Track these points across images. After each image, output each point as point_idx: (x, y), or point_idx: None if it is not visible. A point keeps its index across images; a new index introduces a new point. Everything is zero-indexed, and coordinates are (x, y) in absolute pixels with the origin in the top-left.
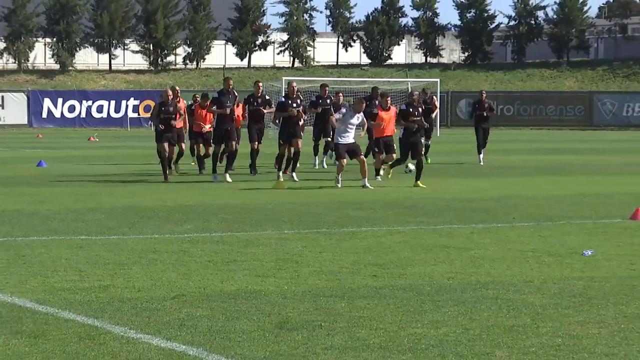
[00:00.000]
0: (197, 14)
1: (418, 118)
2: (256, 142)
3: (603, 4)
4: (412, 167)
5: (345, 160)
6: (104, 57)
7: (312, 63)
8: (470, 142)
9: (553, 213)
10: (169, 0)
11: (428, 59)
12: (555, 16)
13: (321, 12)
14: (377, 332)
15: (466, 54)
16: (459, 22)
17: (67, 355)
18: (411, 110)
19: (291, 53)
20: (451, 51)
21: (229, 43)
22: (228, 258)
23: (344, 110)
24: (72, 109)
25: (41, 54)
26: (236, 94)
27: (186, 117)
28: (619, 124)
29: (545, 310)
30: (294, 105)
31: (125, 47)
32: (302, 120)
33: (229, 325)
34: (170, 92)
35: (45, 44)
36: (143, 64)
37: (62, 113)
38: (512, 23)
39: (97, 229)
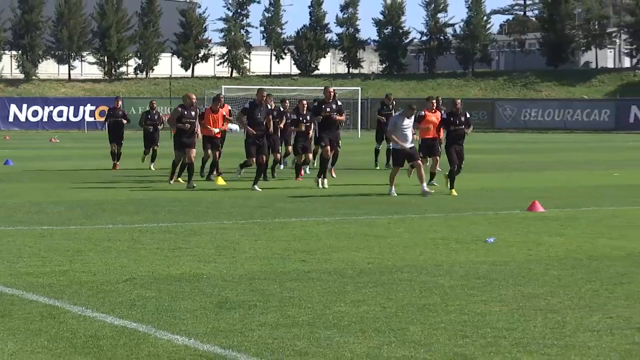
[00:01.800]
0: (147, 29)
1: (460, 127)
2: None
3: (504, 21)
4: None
5: (397, 168)
6: (64, 68)
7: (248, 73)
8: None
9: (460, 205)
10: (122, 17)
11: (350, 69)
12: (461, 32)
13: (256, 28)
14: (306, 311)
15: (384, 65)
16: (377, 37)
17: (30, 332)
18: (452, 119)
19: (230, 64)
20: (370, 63)
21: (175, 55)
22: (174, 245)
23: (397, 118)
24: (35, 113)
25: (8, 65)
26: (270, 106)
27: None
28: (518, 127)
29: (453, 290)
30: (328, 109)
31: (83, 58)
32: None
33: (174, 305)
34: (193, 97)
35: (11, 56)
36: (98, 74)
37: (26, 117)
38: (424, 38)
39: (58, 220)
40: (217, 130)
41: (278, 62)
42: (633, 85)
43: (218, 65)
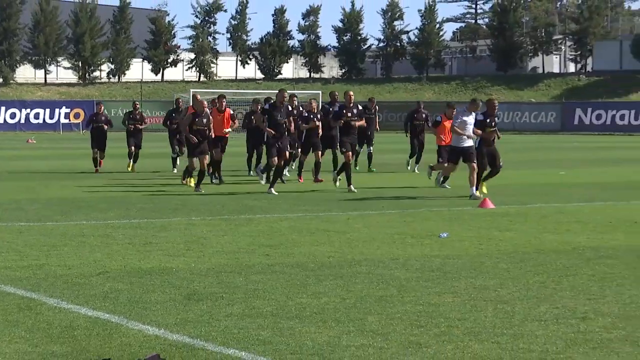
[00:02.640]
0: (119, 36)
1: (494, 128)
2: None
3: (456, 29)
4: (440, 179)
5: (452, 165)
6: (40, 72)
7: (215, 78)
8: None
9: (415, 202)
10: (95, 24)
11: (312, 74)
12: (416, 39)
13: (223, 34)
14: (269, 302)
15: (343, 70)
16: (337, 44)
17: (8, 322)
18: (488, 120)
19: (197, 69)
20: (331, 68)
21: (146, 60)
22: (145, 241)
23: (462, 115)
24: (13, 115)
25: None
26: (290, 107)
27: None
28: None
29: (408, 283)
30: (349, 114)
31: (58, 63)
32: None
33: (145, 297)
34: (205, 103)
35: None
36: (73, 78)
37: (4, 119)
38: (381, 45)
39: (35, 216)
40: (228, 130)
41: (243, 67)
42: (577, 90)
43: (187, 70)
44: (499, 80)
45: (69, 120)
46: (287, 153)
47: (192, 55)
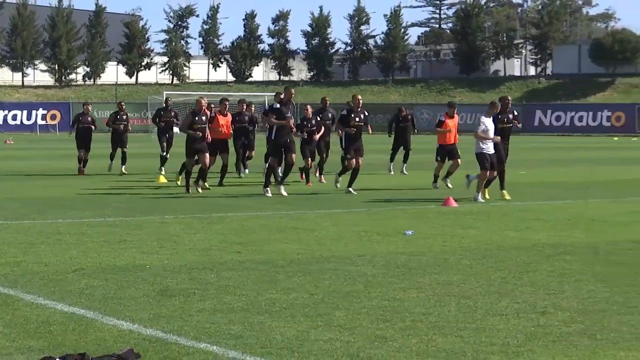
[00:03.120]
0: (94, 40)
1: (508, 124)
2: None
3: (421, 33)
4: (473, 176)
5: (492, 172)
6: (18, 75)
7: (187, 80)
8: None
9: (381, 201)
10: (71, 28)
11: (281, 77)
12: (382, 43)
13: (195, 38)
14: (241, 298)
15: (312, 73)
16: (306, 48)
17: None
18: (499, 116)
19: (171, 72)
20: (300, 71)
21: (120, 64)
22: (119, 238)
23: (483, 119)
24: None
25: None
26: (328, 107)
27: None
28: (433, 130)
29: (375, 278)
30: (357, 119)
31: (35, 66)
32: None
33: (119, 293)
34: (203, 102)
35: None
36: (50, 80)
37: None
38: (348, 48)
39: (13, 215)
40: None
41: (215, 70)
42: (537, 92)
43: (160, 73)
44: (462, 83)
45: (46, 122)
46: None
47: (165, 59)
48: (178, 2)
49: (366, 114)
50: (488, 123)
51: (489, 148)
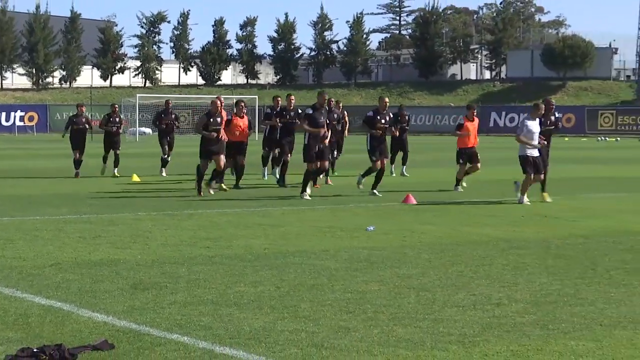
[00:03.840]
0: (70, 45)
1: (550, 127)
2: (289, 155)
3: (382, 39)
4: (519, 182)
5: (538, 176)
6: None
7: (159, 83)
8: None
9: (344, 199)
10: (48, 34)
11: (249, 80)
12: (345, 48)
13: (166, 43)
14: (210, 291)
15: (278, 76)
16: (272, 52)
17: None
18: (542, 119)
19: (143, 76)
20: (266, 74)
21: (95, 68)
22: (94, 234)
23: (527, 122)
24: None
25: None
26: (333, 108)
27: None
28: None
29: (338, 272)
30: (383, 121)
31: (14, 70)
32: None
33: (95, 287)
34: (219, 103)
35: None
36: (28, 83)
37: None
38: (312, 53)
39: None
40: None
41: (186, 73)
42: (492, 95)
43: (133, 76)
44: (421, 86)
45: (24, 123)
46: (326, 162)
47: (138, 63)
48: (150, 8)
49: (392, 115)
50: (532, 126)
51: (533, 151)
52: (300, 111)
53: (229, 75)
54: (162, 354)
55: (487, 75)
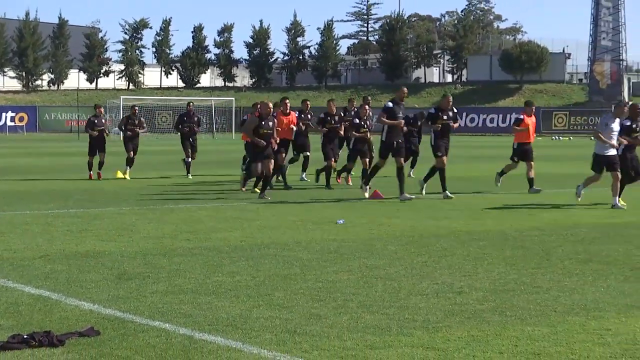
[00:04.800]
0: (58, 50)
1: (639, 133)
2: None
3: (350, 45)
4: (581, 185)
5: (598, 175)
6: None
7: (142, 86)
8: None
9: (316, 194)
10: (37, 39)
11: (226, 83)
12: (316, 53)
13: (149, 48)
14: (190, 280)
15: (253, 80)
16: (248, 57)
17: None
18: (634, 126)
19: (127, 79)
20: (243, 77)
21: (81, 71)
22: (81, 228)
23: (609, 120)
24: None
25: None
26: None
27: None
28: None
29: (310, 263)
30: (444, 117)
31: (4, 73)
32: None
33: (81, 277)
34: (271, 106)
35: None
36: (18, 86)
37: None
38: (286, 58)
39: None
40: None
41: (167, 76)
42: (454, 97)
43: (118, 79)
44: (388, 89)
45: (15, 123)
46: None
47: (122, 67)
48: (134, 15)
49: (455, 111)
50: (614, 125)
51: (610, 150)
52: (342, 114)
53: (208, 79)
54: (145, 340)
55: (449, 78)
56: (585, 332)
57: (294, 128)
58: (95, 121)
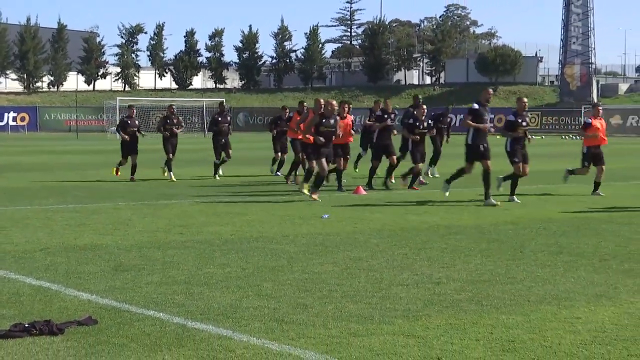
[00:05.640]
0: (57, 53)
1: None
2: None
3: (335, 48)
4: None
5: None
6: None
7: (137, 88)
8: (243, 141)
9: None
10: (37, 43)
11: (217, 85)
12: (303, 56)
13: (143, 52)
14: (183, 272)
15: (243, 82)
16: (237, 60)
17: None
18: (519, 120)
19: (123, 81)
20: (233, 80)
21: (80, 73)
22: (79, 222)
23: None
24: None
25: None
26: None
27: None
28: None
29: (297, 255)
30: (523, 123)
31: (7, 76)
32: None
33: (80, 269)
34: (335, 104)
35: None
36: (19, 88)
37: None
38: (274, 61)
39: None
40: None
41: (161, 79)
42: (433, 98)
43: (114, 81)
44: (370, 91)
45: (16, 123)
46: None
47: (119, 69)
48: (129, 21)
49: (530, 116)
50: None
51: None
52: (397, 113)
53: (199, 81)
54: (140, 328)
55: (427, 80)
56: (556, 320)
57: (353, 132)
58: (129, 122)
